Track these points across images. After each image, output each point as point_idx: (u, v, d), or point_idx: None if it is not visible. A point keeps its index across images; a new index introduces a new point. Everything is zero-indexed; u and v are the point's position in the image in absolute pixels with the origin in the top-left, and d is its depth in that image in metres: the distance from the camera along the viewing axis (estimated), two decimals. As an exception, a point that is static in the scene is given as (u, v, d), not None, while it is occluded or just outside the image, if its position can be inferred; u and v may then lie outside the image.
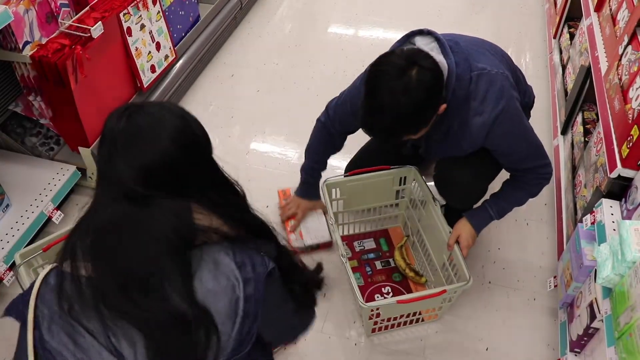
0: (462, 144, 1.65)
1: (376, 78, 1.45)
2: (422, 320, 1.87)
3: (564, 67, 2.58)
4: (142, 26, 2.30)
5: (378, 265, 2.07)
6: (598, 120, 1.77)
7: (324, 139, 1.94)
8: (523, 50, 3.17)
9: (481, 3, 3.57)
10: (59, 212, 2.13)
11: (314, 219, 2.12)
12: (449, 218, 1.87)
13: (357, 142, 2.11)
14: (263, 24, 3.41)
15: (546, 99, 2.73)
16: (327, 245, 2.09)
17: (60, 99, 2.00)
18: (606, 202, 1.56)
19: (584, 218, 1.62)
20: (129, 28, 2.20)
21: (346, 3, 3.61)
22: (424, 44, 1.54)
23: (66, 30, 1.97)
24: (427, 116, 1.49)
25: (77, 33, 1.96)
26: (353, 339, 1.85)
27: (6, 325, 1.95)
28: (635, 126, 1.43)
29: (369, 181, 1.98)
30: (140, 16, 2.26)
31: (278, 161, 2.50)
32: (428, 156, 1.86)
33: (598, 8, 2.11)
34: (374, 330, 1.83)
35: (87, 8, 2.05)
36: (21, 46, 1.86)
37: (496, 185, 1.85)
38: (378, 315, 1.71)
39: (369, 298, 1.96)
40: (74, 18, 2.00)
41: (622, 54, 1.69)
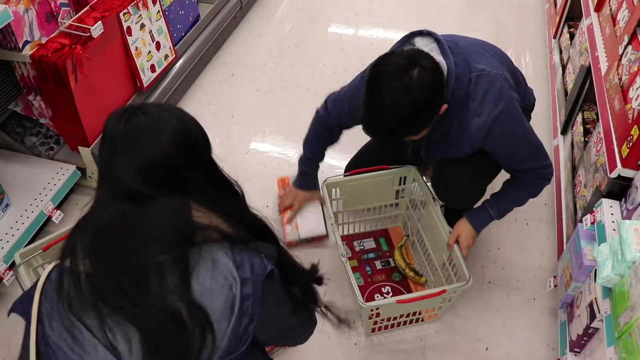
0: (462, 145, 1.65)
1: (377, 78, 1.45)
2: (422, 320, 1.87)
3: (564, 67, 2.58)
4: (142, 26, 2.30)
5: (378, 265, 2.07)
6: (598, 120, 1.77)
7: (322, 132, 1.94)
8: (523, 50, 3.17)
9: (481, 3, 3.57)
10: (59, 212, 2.13)
11: (311, 211, 2.11)
12: (449, 218, 1.86)
13: (357, 142, 2.11)
14: (263, 24, 3.41)
15: (546, 99, 2.73)
16: (322, 238, 2.09)
17: (60, 99, 2.00)
18: (606, 202, 1.56)
19: (584, 218, 1.62)
20: (129, 27, 2.20)
21: (346, 3, 3.60)
22: (424, 45, 1.54)
23: (66, 29, 1.97)
24: (429, 116, 1.49)
25: (77, 32, 1.96)
26: (353, 339, 1.85)
27: (6, 324, 1.96)
28: (635, 126, 1.43)
29: (369, 181, 1.98)
30: (140, 16, 2.26)
31: (278, 161, 2.50)
32: (428, 157, 1.86)
33: (598, 8, 2.11)
34: (374, 330, 1.83)
35: (87, 7, 2.05)
36: (21, 46, 1.86)
37: (497, 185, 1.85)
38: (378, 315, 1.71)
39: (369, 298, 1.96)
40: (74, 17, 2.00)
41: (622, 54, 1.69)
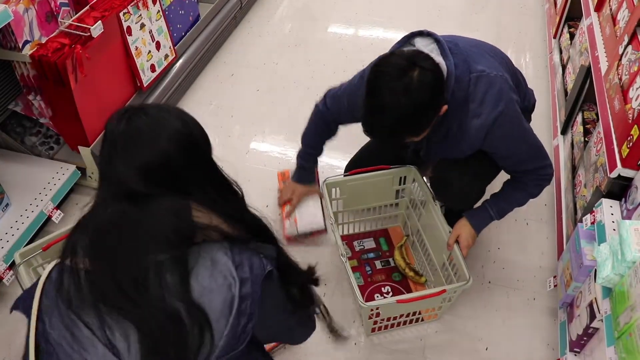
0: (461, 146, 1.65)
1: (377, 79, 1.44)
2: (422, 320, 1.87)
3: (564, 67, 2.58)
4: (142, 25, 2.29)
5: (378, 264, 2.07)
6: (598, 120, 1.77)
7: (320, 126, 1.94)
8: (523, 50, 3.17)
9: (481, 3, 3.57)
10: (59, 212, 2.12)
11: (309, 205, 2.09)
12: (449, 218, 1.86)
13: (357, 142, 2.11)
14: (263, 24, 3.41)
15: (546, 99, 2.73)
16: (320, 232, 2.08)
17: (60, 98, 2.00)
18: (606, 202, 1.55)
19: (584, 218, 1.62)
20: (129, 27, 2.20)
21: (346, 3, 3.60)
22: (424, 46, 1.54)
23: (66, 29, 1.97)
24: (429, 117, 1.49)
25: (77, 32, 1.96)
26: (353, 339, 1.85)
27: (6, 324, 1.95)
28: (635, 126, 1.43)
29: (369, 181, 1.98)
30: (140, 15, 2.26)
31: (278, 160, 2.50)
32: (428, 158, 1.85)
33: (598, 8, 2.11)
34: (374, 329, 1.83)
35: (87, 7, 2.05)
36: (21, 45, 1.86)
37: (497, 185, 1.85)
38: (378, 314, 1.71)
39: (369, 297, 1.96)
40: (74, 17, 2.00)
41: (622, 54, 1.69)
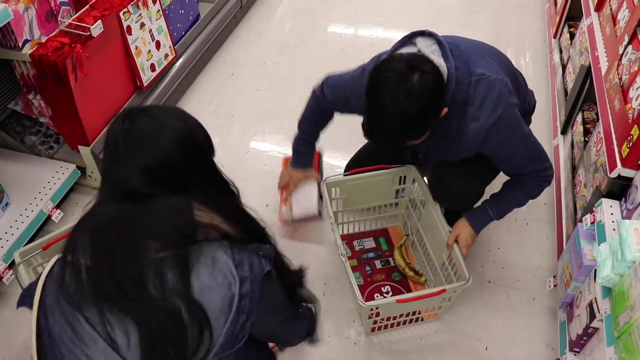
0: (459, 148, 1.65)
1: (377, 84, 1.43)
2: (422, 319, 1.87)
3: (564, 67, 2.58)
4: (142, 25, 2.29)
5: (378, 264, 2.07)
6: (598, 120, 1.77)
7: (317, 112, 1.92)
8: (523, 50, 3.17)
9: (481, 3, 3.57)
10: (59, 211, 2.12)
11: (306, 191, 2.07)
12: (449, 217, 1.86)
13: (357, 142, 2.10)
14: (263, 23, 3.41)
15: (546, 99, 2.73)
16: (314, 218, 2.06)
17: (59, 98, 2.00)
18: (606, 202, 1.55)
19: (584, 218, 1.62)
20: (129, 27, 2.20)
21: (346, 2, 3.60)
22: (425, 46, 1.53)
23: (66, 28, 1.97)
24: (430, 120, 1.48)
25: (77, 31, 1.96)
26: (352, 338, 1.85)
27: (6, 324, 1.95)
28: (635, 126, 1.43)
29: (369, 180, 1.98)
30: (140, 15, 2.26)
31: (278, 160, 2.49)
32: (426, 160, 1.85)
33: (598, 8, 2.11)
34: (374, 329, 1.83)
35: (87, 6, 2.05)
36: (21, 44, 1.86)
37: (497, 185, 1.84)
38: (377, 314, 1.71)
39: (369, 297, 1.96)
40: (74, 16, 2.00)
41: (623, 54, 1.69)
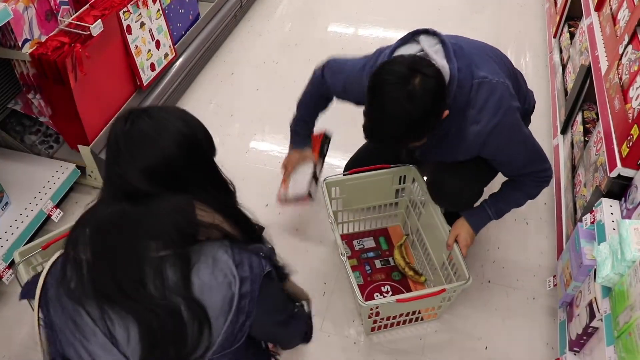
0: (457, 151, 1.64)
1: (379, 87, 1.43)
2: (422, 319, 1.87)
3: (564, 67, 2.58)
4: (142, 24, 2.29)
5: (377, 264, 2.07)
6: (598, 119, 1.77)
7: (316, 96, 1.90)
8: (523, 49, 3.17)
9: (481, 2, 3.57)
10: (58, 210, 2.12)
11: (303, 172, 2.06)
12: (449, 217, 1.86)
13: (357, 142, 2.10)
14: (263, 23, 3.41)
15: (546, 99, 2.73)
16: (306, 199, 2.04)
17: (59, 97, 1.99)
18: (606, 202, 1.55)
19: (584, 217, 1.62)
20: (129, 26, 2.20)
21: (346, 2, 3.60)
22: (429, 45, 1.53)
23: (66, 28, 1.97)
24: (431, 123, 1.48)
25: (77, 31, 1.96)
26: (352, 338, 1.85)
27: (6, 323, 1.95)
28: (635, 125, 1.43)
29: (369, 180, 1.98)
30: (140, 14, 2.26)
31: (277, 160, 2.48)
32: (423, 159, 1.85)
33: (598, 7, 2.11)
34: (374, 329, 1.83)
35: (87, 6, 2.05)
36: (20, 44, 1.86)
37: (496, 185, 1.84)
38: (377, 314, 1.71)
39: (369, 297, 1.96)
40: (74, 16, 1.99)
41: (623, 54, 1.69)
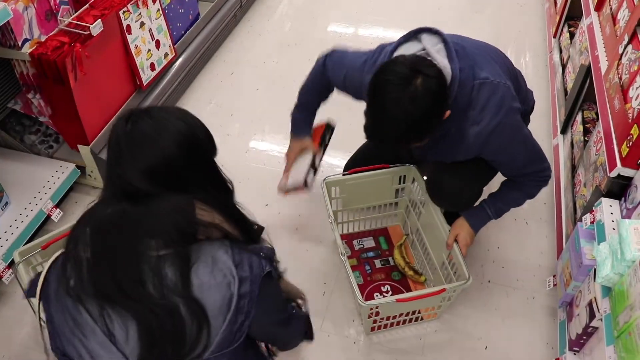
0: (457, 151, 1.64)
1: (380, 88, 1.42)
2: (422, 319, 1.87)
3: (564, 67, 2.58)
4: (142, 24, 2.29)
5: (377, 263, 2.07)
6: (598, 119, 1.77)
7: (318, 84, 1.89)
8: (523, 49, 3.17)
9: (481, 2, 3.57)
10: (58, 210, 2.12)
11: (301, 163, 2.04)
12: (449, 217, 1.86)
13: (357, 141, 2.11)
14: (263, 22, 3.41)
15: (546, 98, 2.73)
16: (302, 189, 2.02)
17: (59, 97, 1.99)
18: (606, 201, 1.55)
19: (584, 217, 1.62)
20: (129, 26, 2.20)
21: (346, 2, 3.60)
22: (431, 44, 1.52)
23: (65, 27, 1.97)
24: (433, 124, 1.48)
25: (77, 31, 1.96)
26: (352, 338, 1.85)
27: (6, 323, 1.95)
28: (635, 125, 1.43)
29: (369, 180, 1.98)
30: (139, 14, 2.26)
31: (277, 159, 2.49)
32: (422, 158, 1.85)
33: (598, 7, 2.11)
34: (373, 328, 1.83)
35: (87, 6, 2.05)
36: (20, 43, 1.86)
37: (494, 184, 1.84)
38: (377, 313, 1.71)
39: (368, 296, 1.96)
40: (74, 15, 1.99)
41: (622, 53, 1.69)
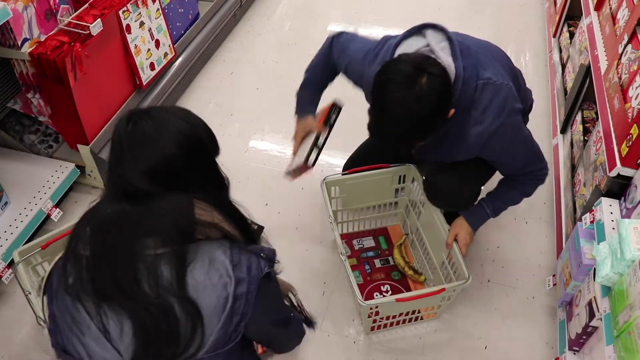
0: (457, 151, 1.64)
1: (384, 86, 1.41)
2: (421, 318, 1.87)
3: (564, 66, 2.58)
4: (142, 24, 2.29)
5: (377, 263, 2.07)
6: (597, 119, 1.77)
7: (325, 63, 1.89)
8: (523, 49, 3.17)
9: (481, 2, 3.57)
10: (58, 210, 2.12)
11: (306, 144, 1.99)
12: (448, 217, 1.86)
13: (356, 141, 2.11)
14: (263, 22, 3.41)
15: (546, 98, 2.73)
16: (306, 169, 1.96)
17: (59, 97, 1.99)
18: (605, 201, 1.55)
19: (583, 217, 1.62)
20: (128, 25, 2.20)
21: (346, 1, 3.60)
22: (436, 41, 1.52)
23: (65, 27, 1.96)
24: (437, 122, 1.47)
25: (76, 30, 1.96)
26: (352, 337, 1.85)
27: (6, 323, 1.95)
28: (634, 125, 1.43)
29: (368, 179, 1.98)
30: (139, 13, 2.26)
31: (277, 159, 2.49)
32: (420, 157, 1.85)
33: (598, 7, 2.11)
34: (373, 328, 1.83)
35: (86, 5, 2.04)
36: (20, 43, 1.85)
37: (493, 183, 1.84)
38: (377, 313, 1.71)
39: (368, 296, 1.96)
40: (73, 15, 1.99)
41: (622, 53, 1.69)
